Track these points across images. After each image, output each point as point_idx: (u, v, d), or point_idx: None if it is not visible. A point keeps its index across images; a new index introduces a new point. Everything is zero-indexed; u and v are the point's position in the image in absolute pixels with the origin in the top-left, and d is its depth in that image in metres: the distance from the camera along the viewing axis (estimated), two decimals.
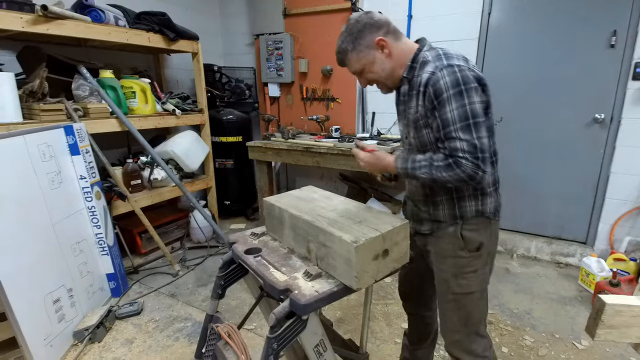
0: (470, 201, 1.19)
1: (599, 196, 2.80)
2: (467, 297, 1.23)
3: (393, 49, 1.16)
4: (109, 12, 2.48)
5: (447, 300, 1.26)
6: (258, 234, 1.34)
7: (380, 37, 1.14)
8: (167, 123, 2.97)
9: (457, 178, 1.04)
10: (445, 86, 1.04)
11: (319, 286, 1.00)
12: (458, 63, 1.06)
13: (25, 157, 1.88)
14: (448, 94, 1.03)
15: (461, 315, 1.25)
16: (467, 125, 1.02)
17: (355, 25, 1.15)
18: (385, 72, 1.18)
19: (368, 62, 1.17)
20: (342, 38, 1.17)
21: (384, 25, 1.15)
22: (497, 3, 2.85)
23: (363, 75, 1.21)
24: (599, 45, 2.59)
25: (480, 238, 1.20)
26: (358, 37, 1.14)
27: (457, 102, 1.03)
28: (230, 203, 3.81)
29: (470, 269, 1.21)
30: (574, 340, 2.04)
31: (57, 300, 1.93)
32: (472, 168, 1.02)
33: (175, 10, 3.11)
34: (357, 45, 1.15)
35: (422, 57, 1.15)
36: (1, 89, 1.99)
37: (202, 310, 2.33)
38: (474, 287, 1.23)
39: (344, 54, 1.18)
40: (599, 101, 2.67)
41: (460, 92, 1.03)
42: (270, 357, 0.92)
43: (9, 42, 2.41)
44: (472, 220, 1.20)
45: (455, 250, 1.21)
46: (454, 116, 1.03)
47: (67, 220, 2.09)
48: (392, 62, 1.17)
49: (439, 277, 1.28)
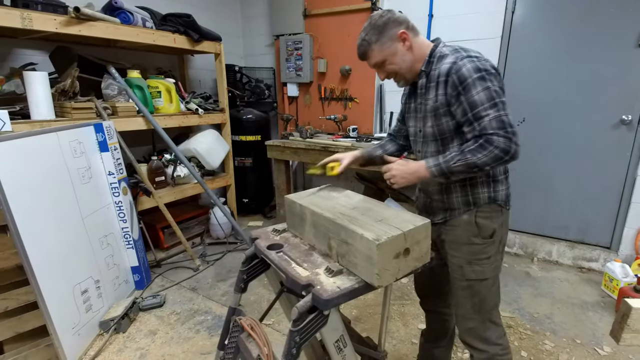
0: (482, 187, 1.24)
1: (625, 200, 2.72)
2: (481, 284, 1.27)
3: (414, 42, 1.24)
4: (137, 14, 2.56)
5: (462, 287, 1.30)
6: (279, 231, 1.37)
7: (403, 30, 1.21)
8: (190, 122, 3.05)
9: (492, 156, 1.07)
10: (469, 72, 1.11)
11: (341, 282, 1.02)
12: (476, 55, 1.15)
13: (58, 152, 1.96)
14: (472, 79, 1.10)
15: (475, 302, 1.29)
16: (495, 104, 1.08)
17: (379, 19, 1.22)
18: (405, 63, 1.24)
19: (390, 54, 1.23)
20: (366, 31, 1.23)
21: (405, 22, 1.23)
22: (521, 2, 2.81)
23: (384, 67, 1.26)
24: (627, 44, 2.52)
25: (493, 225, 1.25)
26: (383, 30, 1.21)
27: (481, 85, 1.10)
28: (248, 201, 3.88)
29: (484, 255, 1.26)
30: (596, 346, 2.00)
31: (85, 290, 2.01)
32: (504, 142, 1.05)
33: (198, 13, 3.18)
34: (381, 37, 1.21)
35: (439, 52, 1.23)
36: (35, 88, 2.08)
37: (222, 304, 2.39)
38: (487, 273, 1.27)
39: (367, 45, 1.24)
40: (626, 102, 2.60)
41: (483, 77, 1.10)
42: (292, 350, 0.95)
43: (43, 43, 2.53)
44: (485, 208, 1.25)
45: (469, 237, 1.26)
46: (481, 97, 1.09)
47: (95, 214, 2.18)
48: (413, 55, 1.24)
49: (453, 265, 1.32)
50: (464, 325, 1.33)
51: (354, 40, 1.29)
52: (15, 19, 1.94)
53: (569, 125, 2.81)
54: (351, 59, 3.46)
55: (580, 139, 2.79)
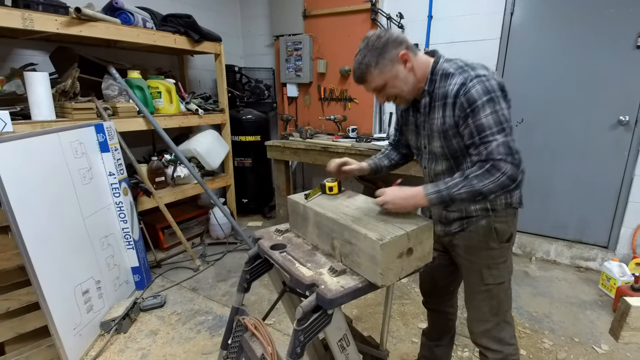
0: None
1: (622, 199, 2.75)
2: (499, 287, 1.28)
3: (415, 63, 1.18)
4: (137, 14, 2.56)
5: (479, 291, 1.30)
6: (282, 231, 1.38)
7: (404, 51, 1.15)
8: (190, 122, 3.06)
9: (499, 183, 1.04)
10: (478, 94, 1.07)
11: (344, 282, 1.03)
12: (483, 73, 1.10)
13: (59, 153, 1.97)
14: (482, 101, 1.06)
15: (493, 305, 1.29)
16: (502, 129, 1.05)
17: (377, 40, 1.15)
18: (408, 86, 1.19)
19: (392, 77, 1.17)
20: (364, 53, 1.16)
21: (404, 41, 1.17)
22: (520, 3, 2.83)
23: (384, 90, 1.21)
24: (624, 46, 2.55)
25: (510, 229, 1.27)
26: (382, 51, 1.14)
27: (490, 108, 1.06)
28: (248, 201, 3.88)
29: (502, 259, 1.27)
30: (594, 344, 2.02)
31: (87, 291, 2.02)
32: (512, 169, 1.03)
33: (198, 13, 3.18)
34: (380, 60, 1.14)
35: (441, 70, 1.17)
36: (36, 88, 2.08)
37: (223, 305, 2.39)
38: (504, 276, 1.28)
39: (366, 68, 1.17)
40: (624, 103, 2.62)
41: (492, 100, 1.07)
42: (297, 349, 0.96)
43: (43, 43, 2.53)
44: (502, 212, 1.25)
45: (488, 242, 1.25)
46: (489, 121, 1.06)
47: (96, 214, 2.18)
48: (415, 76, 1.19)
49: (470, 269, 1.31)
50: (480, 327, 1.33)
51: (353, 40, 1.29)
52: (16, 19, 1.94)
53: (568, 125, 2.83)
54: (351, 59, 3.42)
55: (579, 139, 2.81)
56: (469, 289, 1.34)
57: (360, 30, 3.34)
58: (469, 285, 1.34)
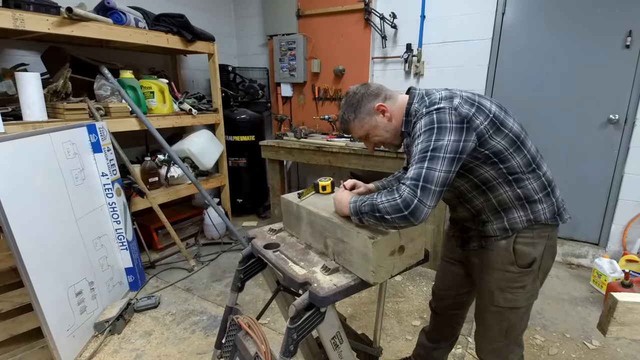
0: (517, 212, 1.16)
1: (612, 197, 2.79)
2: (512, 312, 1.21)
3: (392, 111, 1.22)
4: (129, 14, 2.55)
5: (490, 311, 1.25)
6: (275, 230, 1.39)
7: (379, 103, 1.21)
8: (184, 122, 3.05)
9: (393, 204, 0.96)
10: (420, 125, 1.06)
11: (337, 280, 1.04)
12: (440, 106, 1.06)
13: (51, 154, 1.95)
14: (421, 132, 1.05)
15: (503, 327, 1.24)
16: (424, 157, 1.00)
17: (353, 97, 1.22)
18: (390, 133, 1.24)
19: (371, 127, 1.23)
20: (344, 109, 1.24)
21: (381, 92, 1.22)
22: (511, 3, 2.86)
23: (368, 139, 1.27)
24: (614, 45, 2.58)
25: (534, 253, 1.17)
26: (358, 106, 1.21)
27: (424, 137, 1.03)
28: (242, 201, 3.88)
29: (519, 284, 1.18)
30: (585, 340, 2.05)
31: (80, 292, 2.01)
32: (408, 195, 0.95)
33: (191, 13, 3.18)
34: (358, 114, 1.21)
35: (413, 110, 1.18)
36: (28, 89, 2.07)
37: (217, 305, 2.39)
38: (520, 302, 1.20)
39: (347, 123, 1.25)
40: (614, 102, 2.66)
41: (431, 129, 1.03)
42: (290, 347, 0.97)
43: (34, 43, 2.51)
44: (527, 233, 1.16)
45: (504, 264, 1.18)
46: (418, 149, 1.03)
47: (89, 215, 2.17)
48: (394, 124, 1.23)
49: (482, 288, 1.26)
50: (488, 346, 1.30)
51: (347, 40, 1.31)
52: (7, 19, 1.92)
53: (558, 124, 2.87)
54: (345, 59, 3.48)
55: (569, 137, 2.85)
56: (480, 306, 1.29)
57: (354, 30, 3.35)
58: (480, 302, 1.29)
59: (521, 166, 1.13)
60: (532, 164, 1.14)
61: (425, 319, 2.23)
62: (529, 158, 1.14)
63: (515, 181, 1.14)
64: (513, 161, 1.12)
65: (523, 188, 1.14)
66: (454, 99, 1.07)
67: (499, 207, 1.17)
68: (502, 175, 1.13)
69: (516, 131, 1.12)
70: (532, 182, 1.15)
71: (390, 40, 3.30)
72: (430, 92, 1.18)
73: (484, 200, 1.18)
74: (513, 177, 1.13)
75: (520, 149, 1.12)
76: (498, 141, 1.09)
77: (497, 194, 1.16)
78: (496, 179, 1.14)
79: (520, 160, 1.12)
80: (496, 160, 1.11)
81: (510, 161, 1.11)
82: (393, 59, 3.33)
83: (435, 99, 1.11)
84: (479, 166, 1.12)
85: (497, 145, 1.09)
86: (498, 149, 1.09)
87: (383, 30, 3.26)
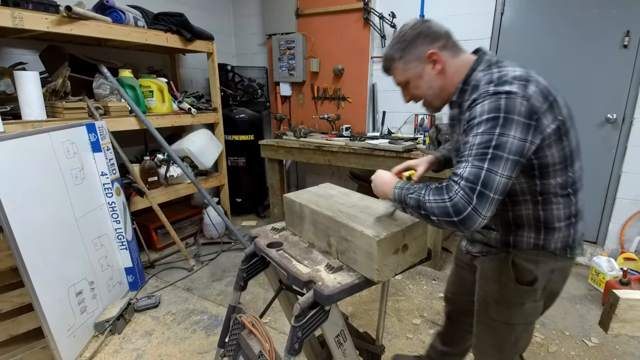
0: (529, 232, 1.03)
1: (610, 196, 2.81)
2: (506, 327, 1.11)
3: (447, 66, 1.02)
4: (128, 12, 2.54)
5: (483, 322, 1.17)
6: (278, 229, 1.39)
7: (433, 50, 1.00)
8: (183, 121, 3.04)
9: (442, 207, 0.84)
10: (481, 111, 0.87)
11: (341, 278, 1.04)
12: (510, 89, 0.86)
13: (51, 153, 1.94)
14: (481, 119, 0.86)
15: (495, 341, 1.15)
16: (484, 154, 0.83)
17: (408, 32, 1.02)
18: (432, 90, 1.05)
19: (414, 76, 1.04)
20: (392, 44, 1.05)
21: (442, 38, 1.02)
22: (510, 3, 2.87)
23: (407, 89, 1.09)
24: (612, 45, 2.60)
25: (536, 272, 1.04)
26: (409, 45, 1.02)
27: (485, 127, 0.85)
28: (241, 200, 3.88)
29: (516, 300, 1.07)
30: (584, 337, 2.06)
31: (80, 292, 2.00)
32: (461, 199, 0.81)
33: (190, 11, 3.17)
34: (405, 55, 1.03)
35: (474, 80, 0.98)
36: (27, 88, 2.05)
37: (218, 304, 2.39)
38: (515, 319, 1.09)
39: (390, 61, 1.06)
40: (611, 101, 2.68)
41: (495, 119, 0.84)
42: (295, 345, 0.97)
43: (33, 42, 2.49)
44: (530, 252, 1.04)
45: (500, 277, 1.08)
46: (476, 140, 0.85)
47: (89, 215, 2.16)
48: (443, 81, 1.03)
49: (479, 296, 1.18)
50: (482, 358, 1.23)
51: (346, 40, 1.26)
52: (6, 18, 1.91)
53: None
54: (344, 58, 3.48)
55: None
56: (476, 315, 1.20)
57: (353, 29, 3.36)
58: (476, 312, 1.20)
59: (557, 187, 0.98)
60: (569, 187, 0.99)
61: (425, 317, 2.24)
62: (569, 180, 0.99)
63: (543, 202, 1.00)
64: (553, 180, 0.97)
65: (547, 212, 1.00)
66: (529, 85, 0.87)
67: (512, 221, 1.05)
68: (532, 193, 0.99)
69: (573, 147, 0.97)
70: (560, 208, 1.00)
71: (389, 40, 3.30)
72: (501, 62, 0.97)
73: (501, 209, 1.05)
74: (543, 198, 0.99)
75: (566, 168, 0.97)
76: (552, 152, 0.92)
77: (517, 209, 1.03)
78: (524, 195, 1.00)
79: (561, 180, 0.97)
80: (536, 174, 0.96)
81: (550, 179, 0.96)
82: None
83: (506, 76, 0.89)
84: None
85: (548, 157, 0.93)
86: (547, 162, 0.93)
87: (382, 30, 3.26)
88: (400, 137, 3.13)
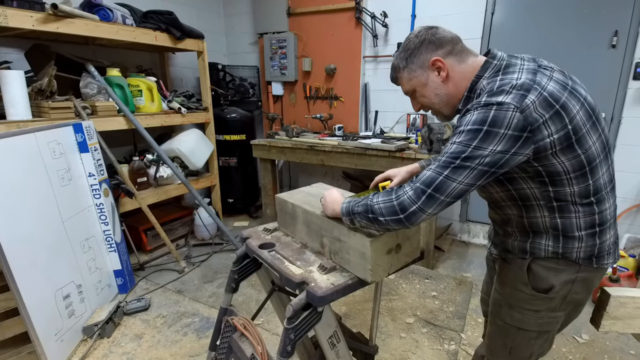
0: (547, 240, 0.99)
1: None
2: (518, 332, 1.07)
3: (453, 72, 0.99)
4: (116, 10, 2.50)
5: (495, 323, 1.13)
6: (270, 230, 1.37)
7: (437, 57, 0.98)
8: (173, 121, 3.00)
9: (389, 206, 0.88)
10: (467, 120, 0.85)
11: (334, 279, 1.03)
12: (502, 100, 0.83)
13: (36, 154, 1.90)
14: (463, 128, 0.85)
15: (507, 344, 1.11)
16: (449, 163, 0.84)
17: (413, 39, 1.01)
18: (439, 97, 1.02)
19: (419, 84, 1.03)
20: (397, 53, 1.05)
21: (447, 44, 0.98)
22: (501, 3, 2.89)
23: (415, 97, 1.08)
24: (600, 45, 2.63)
25: (554, 280, 0.99)
26: (413, 53, 1.01)
27: (466, 137, 0.84)
28: (233, 201, 3.84)
29: (530, 307, 1.03)
30: (575, 334, 2.08)
31: (67, 296, 1.96)
32: (408, 198, 0.85)
33: (180, 10, 3.13)
34: (409, 64, 1.02)
35: (479, 88, 0.95)
36: (11, 87, 2.00)
37: (209, 306, 2.36)
38: (528, 325, 1.05)
39: (396, 70, 1.06)
40: (600, 101, 2.71)
41: (477, 131, 0.83)
42: (288, 347, 0.96)
43: (18, 41, 2.43)
44: (550, 260, 1.00)
45: (515, 282, 1.05)
46: (451, 148, 0.86)
47: (76, 217, 2.12)
48: (450, 88, 1.00)
49: (493, 298, 1.14)
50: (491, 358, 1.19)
51: (338, 39, 1.24)
52: None
53: None
54: (336, 57, 3.47)
55: None
56: (490, 314, 1.17)
57: (345, 28, 3.35)
58: (490, 310, 1.17)
59: (575, 195, 0.92)
60: (591, 196, 0.93)
61: (418, 316, 2.24)
62: (590, 189, 0.92)
63: (559, 209, 0.95)
64: (568, 188, 0.91)
65: (565, 219, 0.95)
66: (529, 94, 0.83)
67: (529, 228, 1.01)
68: (546, 199, 0.94)
69: (592, 153, 0.90)
70: (580, 217, 0.95)
71: (381, 39, 3.31)
72: (511, 65, 0.92)
73: (516, 214, 1.02)
74: (558, 205, 0.94)
75: (585, 176, 0.90)
76: (561, 161, 0.88)
77: (532, 216, 0.99)
78: (537, 200, 0.96)
79: (579, 188, 0.92)
80: (546, 181, 0.91)
81: (565, 187, 0.91)
82: (384, 57, 3.33)
83: (507, 85, 0.86)
84: (523, 179, 0.94)
85: (557, 165, 0.88)
86: (556, 170, 0.89)
87: (374, 29, 3.26)
88: (392, 137, 3.13)
